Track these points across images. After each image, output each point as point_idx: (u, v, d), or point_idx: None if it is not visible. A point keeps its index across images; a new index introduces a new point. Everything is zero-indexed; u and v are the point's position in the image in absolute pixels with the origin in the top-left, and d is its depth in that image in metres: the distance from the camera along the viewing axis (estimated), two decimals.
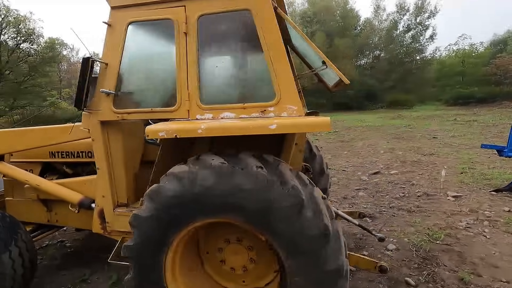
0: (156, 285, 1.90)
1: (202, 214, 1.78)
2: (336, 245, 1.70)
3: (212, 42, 2.18)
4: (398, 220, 4.26)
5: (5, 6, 24.64)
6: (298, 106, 2.03)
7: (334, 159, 8.76)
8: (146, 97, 2.34)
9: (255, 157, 1.83)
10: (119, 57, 2.25)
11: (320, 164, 3.70)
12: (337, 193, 5.67)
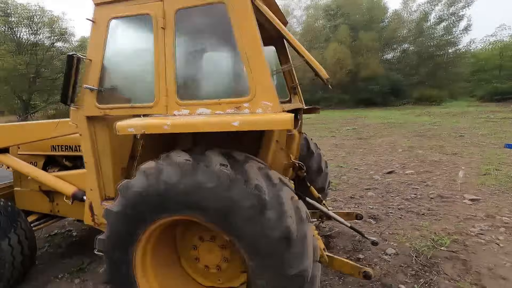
0: (126, 279, 1.93)
1: (166, 211, 1.77)
2: (301, 249, 1.61)
3: (189, 37, 2.14)
4: (404, 223, 4.03)
5: (41, 8, 26.26)
6: (273, 102, 1.94)
7: (348, 157, 8.48)
8: (128, 92, 2.36)
9: (223, 155, 1.78)
10: (102, 53, 2.28)
11: (318, 163, 3.57)
12: (345, 192, 5.48)
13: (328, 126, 16.02)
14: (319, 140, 11.55)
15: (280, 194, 1.69)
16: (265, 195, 1.61)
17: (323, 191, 3.62)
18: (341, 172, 6.93)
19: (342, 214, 3.34)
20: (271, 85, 1.97)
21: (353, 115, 22.47)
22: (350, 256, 3.23)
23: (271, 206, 1.61)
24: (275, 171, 1.88)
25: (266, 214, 1.59)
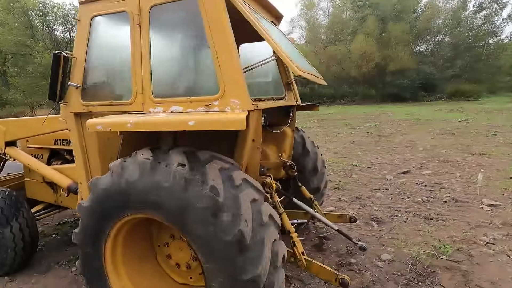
0: (97, 272, 1.99)
1: (129, 209, 1.79)
2: (256, 253, 1.56)
3: (163, 34, 2.13)
4: (407, 227, 3.81)
5: (75, 6, 27.64)
6: (241, 101, 1.89)
7: (363, 155, 8.15)
8: (108, 90, 2.42)
9: (185, 154, 1.76)
10: (85, 51, 2.34)
11: (314, 162, 3.45)
12: (352, 192, 5.28)
13: (349, 122, 15.51)
14: (337, 137, 11.23)
15: (239, 196, 1.64)
16: (220, 197, 1.57)
17: (319, 191, 3.50)
18: (353, 170, 6.68)
19: (335, 216, 3.22)
20: (241, 83, 1.92)
21: (378, 111, 21.55)
22: (342, 259, 3.11)
23: (226, 208, 1.57)
24: (240, 172, 1.82)
25: (220, 216, 1.55)
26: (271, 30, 2.31)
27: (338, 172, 6.59)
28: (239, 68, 1.94)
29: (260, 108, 2.12)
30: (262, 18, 2.48)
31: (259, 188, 1.88)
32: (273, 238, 1.69)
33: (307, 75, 2.07)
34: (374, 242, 3.45)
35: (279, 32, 2.82)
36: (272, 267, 1.65)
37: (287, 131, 3.20)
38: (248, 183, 1.80)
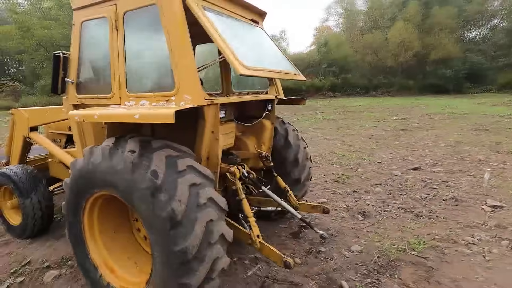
0: (78, 238, 2.41)
1: (95, 187, 2.15)
2: (187, 229, 1.82)
3: (134, 37, 2.42)
4: (392, 223, 3.81)
5: None
6: (192, 96, 2.14)
7: (376, 149, 7.96)
8: (95, 85, 2.78)
9: (140, 142, 2.05)
10: (77, 51, 2.73)
11: (295, 154, 3.59)
12: (351, 186, 5.29)
13: (376, 115, 14.92)
14: (356, 130, 10.97)
15: (177, 180, 1.89)
16: (159, 180, 1.85)
17: (299, 183, 3.64)
18: (360, 165, 6.61)
19: (308, 207, 3.35)
20: (194, 81, 2.16)
21: (413, 103, 20.33)
22: (312, 248, 3.27)
23: (163, 189, 1.84)
24: (187, 160, 2.06)
25: (157, 196, 1.83)
26: (230, 29, 2.48)
27: (344, 166, 6.57)
28: (193, 67, 2.17)
29: (217, 103, 2.34)
30: (230, 18, 2.66)
31: (205, 174, 2.12)
32: (209, 218, 1.93)
33: (253, 72, 2.22)
34: (350, 234, 3.54)
35: (251, 31, 2.96)
36: (206, 243, 1.90)
37: (266, 124, 3.37)
38: (193, 169, 2.05)
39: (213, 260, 1.94)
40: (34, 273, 3.02)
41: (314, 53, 36.58)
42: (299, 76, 3.18)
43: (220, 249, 2.00)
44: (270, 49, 3.13)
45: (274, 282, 2.72)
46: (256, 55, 2.70)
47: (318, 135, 10.34)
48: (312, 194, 4.92)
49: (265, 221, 3.74)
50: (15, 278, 2.94)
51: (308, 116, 15.91)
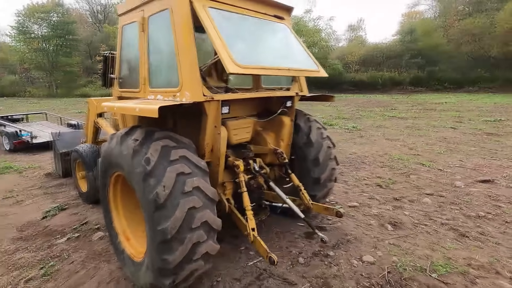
0: (106, 208, 2.90)
1: (113, 167, 2.56)
2: (168, 212, 2.03)
3: (154, 38, 2.72)
4: (426, 239, 3.38)
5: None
6: (191, 93, 2.34)
7: (444, 155, 6.93)
8: (129, 81, 3.22)
9: (145, 133, 2.34)
10: (119, 52, 3.21)
11: (316, 153, 3.49)
12: (394, 193, 4.81)
13: (460, 115, 12.84)
14: (428, 131, 9.68)
15: (166, 168, 2.12)
16: (149, 166, 2.11)
17: (319, 183, 3.53)
18: (416, 170, 5.90)
19: (321, 208, 3.25)
20: (195, 79, 2.35)
21: (502, 101, 16.71)
22: (321, 250, 3.17)
23: (152, 175, 2.10)
24: (182, 150, 2.26)
25: (147, 181, 2.10)
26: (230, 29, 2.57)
27: (396, 170, 5.96)
28: (195, 67, 2.36)
29: (218, 99, 2.49)
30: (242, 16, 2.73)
31: (198, 165, 2.30)
32: (192, 205, 2.11)
33: (245, 70, 2.26)
34: (368, 243, 3.29)
35: (268, 27, 2.97)
36: (187, 227, 2.09)
37: (285, 120, 3.36)
38: (186, 159, 2.24)
39: (194, 243, 2.12)
40: (87, 232, 3.74)
41: (396, 43, 33.02)
42: (319, 73, 3.07)
43: (203, 234, 2.17)
44: (288, 45, 3.09)
45: (270, 276, 2.77)
46: (263, 52, 2.72)
47: (378, 134, 9.52)
48: (345, 196, 4.67)
49: (285, 217, 3.75)
50: (73, 233, 3.70)
51: (377, 112, 14.68)
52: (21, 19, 35.09)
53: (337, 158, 3.77)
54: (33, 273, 2.92)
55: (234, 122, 3.08)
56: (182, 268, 2.15)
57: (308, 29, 27.96)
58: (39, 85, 39.51)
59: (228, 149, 3.19)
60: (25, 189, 5.29)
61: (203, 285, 2.66)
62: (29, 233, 3.73)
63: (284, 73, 2.65)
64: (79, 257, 3.18)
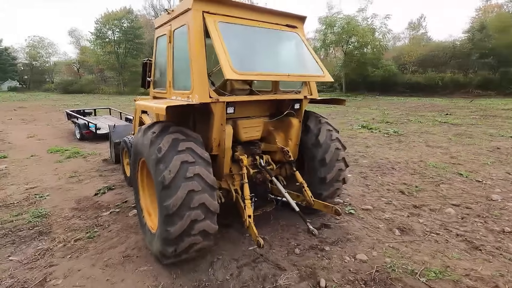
0: (135, 188, 3.51)
1: (139, 154, 3.13)
2: (172, 192, 2.50)
3: (177, 48, 3.23)
4: (430, 247, 3.33)
5: None
6: (199, 95, 2.79)
7: (490, 166, 6.34)
8: (160, 83, 3.80)
9: (162, 127, 2.85)
10: (154, 59, 3.83)
11: (323, 153, 3.68)
12: (417, 201, 4.68)
13: None
14: (480, 140, 8.83)
15: (174, 157, 2.59)
16: (160, 154, 2.60)
17: (325, 182, 3.70)
18: (450, 180, 5.57)
19: (321, 205, 3.43)
20: (203, 83, 2.79)
21: None
22: (319, 244, 3.37)
23: (162, 162, 2.58)
24: (189, 143, 2.70)
25: (158, 166, 2.59)
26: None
27: (426, 178, 5.70)
28: (203, 73, 2.79)
29: (223, 101, 2.89)
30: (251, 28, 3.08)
31: (202, 156, 2.72)
32: (191, 188, 2.54)
33: (241, 77, 2.61)
34: (367, 244, 3.37)
35: (274, 36, 3.28)
36: (186, 206, 2.53)
37: (293, 121, 3.63)
38: (191, 150, 2.68)
39: (192, 220, 2.56)
40: (126, 209, 4.48)
41: (463, 41, 29.76)
42: (323, 78, 3.27)
43: (200, 214, 2.60)
44: (295, 52, 3.36)
45: (265, 261, 3.09)
46: (265, 60, 3.04)
47: (420, 140, 8.98)
48: (361, 199, 4.71)
49: (295, 213, 3.99)
50: (115, 209, 4.46)
51: (428, 117, 13.66)
52: (99, 26, 40.27)
53: (346, 160, 3.89)
54: (81, 235, 3.68)
55: (245, 121, 3.45)
56: (182, 240, 2.61)
57: (359, 29, 26.81)
58: (110, 84, 44.92)
59: (239, 145, 3.58)
60: (86, 171, 6.38)
61: (205, 260, 3.09)
62: (83, 206, 4.61)
63: (283, 78, 2.94)
64: (116, 227, 3.88)
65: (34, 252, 3.36)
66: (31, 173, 6.15)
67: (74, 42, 54.78)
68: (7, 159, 7.26)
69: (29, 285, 2.80)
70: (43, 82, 51.40)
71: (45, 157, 7.51)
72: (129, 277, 2.87)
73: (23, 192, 5.12)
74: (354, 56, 29.02)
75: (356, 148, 8.11)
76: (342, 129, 11.00)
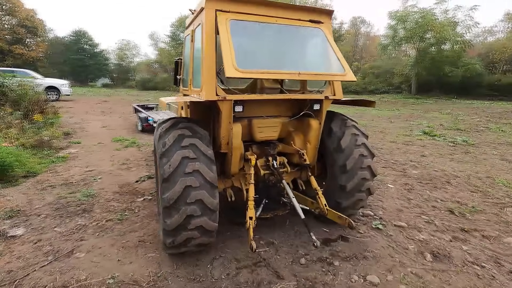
0: (156, 177, 3.74)
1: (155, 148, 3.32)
2: (170, 186, 2.58)
3: (196, 47, 3.32)
4: (465, 281, 2.77)
5: None
6: (206, 93, 2.84)
7: None
8: (186, 81, 3.96)
9: (172, 122, 2.97)
10: (183, 58, 4.03)
11: (344, 160, 3.38)
12: (468, 224, 3.96)
13: None
14: None
15: (176, 152, 2.67)
16: (164, 148, 2.71)
17: (345, 190, 3.39)
18: (501, 198, 4.57)
19: (335, 215, 3.16)
20: (210, 82, 2.83)
21: None
22: (328, 258, 3.10)
23: (165, 155, 2.69)
24: (193, 139, 2.75)
25: (162, 159, 2.71)
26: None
27: (490, 198, 4.77)
28: (212, 71, 2.82)
29: (230, 99, 2.87)
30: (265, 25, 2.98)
31: (205, 153, 2.75)
32: (189, 184, 2.59)
33: (242, 75, 2.53)
34: (385, 266, 2.97)
35: (290, 33, 3.11)
36: (183, 201, 2.59)
37: (312, 123, 3.40)
38: (194, 147, 2.74)
39: (188, 215, 2.61)
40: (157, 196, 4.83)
41: None
42: (344, 77, 2.99)
43: (196, 210, 2.64)
44: (315, 49, 3.14)
45: (266, 266, 2.98)
46: (275, 57, 2.91)
47: (494, 152, 7.56)
48: (396, 214, 4.19)
49: (317, 220, 3.77)
50: (148, 196, 4.85)
51: None
52: (173, 29, 44.21)
53: (374, 169, 3.49)
54: (113, 217, 4.10)
55: (260, 120, 3.38)
56: (179, 233, 2.69)
57: (436, 23, 23.70)
58: None
59: (254, 145, 3.53)
60: (136, 159, 7.07)
61: (208, 255, 3.14)
62: (123, 190, 5.12)
63: (292, 77, 2.77)
64: (143, 214, 4.21)
65: (73, 226, 3.87)
66: (93, 158, 7.09)
67: (153, 44, 61.29)
68: (80, 144, 8.51)
69: (60, 254, 3.23)
70: (127, 80, 58.82)
71: (109, 145, 8.58)
72: (137, 261, 3.08)
73: (82, 174, 5.93)
74: (429, 53, 25.85)
75: (409, 156, 7.24)
76: (398, 134, 9.95)
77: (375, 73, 34.25)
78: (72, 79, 42.44)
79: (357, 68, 47.70)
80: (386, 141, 9.02)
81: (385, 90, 31.15)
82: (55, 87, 20.22)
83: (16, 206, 4.35)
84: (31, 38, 40.62)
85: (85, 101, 21.76)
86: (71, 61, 46.93)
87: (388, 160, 6.93)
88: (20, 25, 38.35)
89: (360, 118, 14.15)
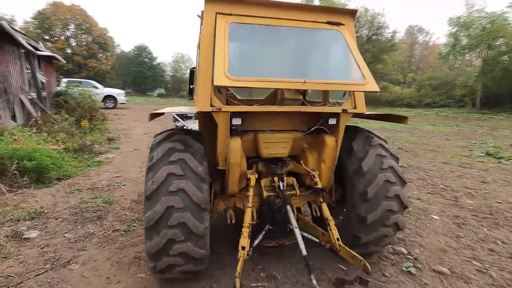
0: None
1: None
2: (151, 204, 2.32)
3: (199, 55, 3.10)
4: None
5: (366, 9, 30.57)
6: (201, 104, 2.60)
7: None
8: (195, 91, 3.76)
9: (166, 134, 2.75)
10: (196, 66, 3.87)
11: (366, 185, 2.81)
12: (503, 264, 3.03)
13: None
14: None
15: (161, 167, 2.41)
16: (151, 162, 2.48)
17: (365, 222, 2.80)
18: None
19: (349, 254, 2.58)
20: (205, 91, 2.57)
21: None
22: None
23: (151, 170, 2.46)
24: (182, 154, 2.47)
25: (148, 174, 2.48)
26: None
27: None
28: (207, 80, 2.55)
29: (226, 110, 2.56)
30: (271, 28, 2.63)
31: (195, 170, 2.46)
32: (171, 204, 2.30)
33: (232, 83, 2.18)
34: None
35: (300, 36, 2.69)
36: (164, 223, 2.30)
37: (327, 140, 2.91)
38: (183, 162, 2.46)
39: (168, 239, 2.33)
40: None
41: None
42: (364, 87, 2.47)
43: (178, 234, 2.34)
44: (331, 55, 2.68)
45: None
46: (277, 64, 2.51)
47: None
48: (438, 255, 3.40)
49: (334, 253, 3.21)
50: None
51: None
52: None
53: (404, 199, 2.85)
54: (120, 227, 4.02)
55: (267, 135, 3.00)
56: (160, 258, 2.41)
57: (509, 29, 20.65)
58: None
59: (260, 162, 3.15)
60: None
61: (198, 283, 2.80)
62: (141, 199, 5.10)
63: (296, 86, 2.35)
64: None
65: (83, 233, 3.87)
66: (124, 164, 7.35)
67: None
68: (118, 150, 8.96)
69: (58, 263, 3.19)
70: (180, 90, 62.82)
71: (144, 152, 8.89)
72: (125, 281, 2.88)
73: (110, 179, 6.12)
74: (499, 63, 22.62)
75: (464, 182, 6.10)
76: (454, 155, 8.60)
77: (433, 84, 31.15)
78: (132, 89, 46.66)
79: (413, 80, 44.23)
80: (438, 162, 7.82)
81: (445, 103, 28.05)
82: (113, 96, 22.23)
83: (40, 208, 4.56)
84: (102, 53, 45.86)
85: (139, 109, 23.49)
86: (133, 73, 51.72)
87: (436, 185, 5.91)
88: (94, 42, 43.62)
89: (410, 134, 12.74)
